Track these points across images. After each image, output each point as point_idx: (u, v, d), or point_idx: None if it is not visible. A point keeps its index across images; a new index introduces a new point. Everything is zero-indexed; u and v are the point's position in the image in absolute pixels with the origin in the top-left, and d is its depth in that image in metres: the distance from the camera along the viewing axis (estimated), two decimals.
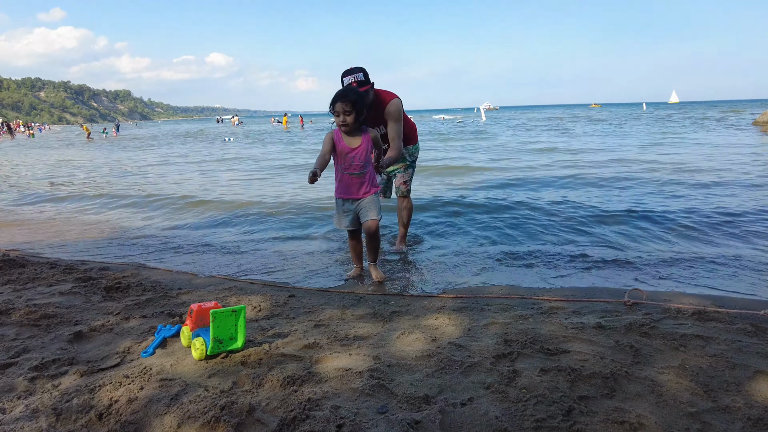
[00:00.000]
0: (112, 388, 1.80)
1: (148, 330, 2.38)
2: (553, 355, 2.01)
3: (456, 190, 7.22)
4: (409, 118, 3.97)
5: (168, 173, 11.29)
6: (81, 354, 2.15)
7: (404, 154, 3.96)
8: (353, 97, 2.95)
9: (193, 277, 3.48)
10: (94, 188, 8.86)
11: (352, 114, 2.92)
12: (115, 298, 2.97)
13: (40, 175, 11.56)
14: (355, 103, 2.92)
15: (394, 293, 3.03)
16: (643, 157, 10.92)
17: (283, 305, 2.78)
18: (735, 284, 3.11)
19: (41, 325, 2.47)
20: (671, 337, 2.16)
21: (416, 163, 4.11)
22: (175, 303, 2.84)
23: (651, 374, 1.84)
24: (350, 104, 2.91)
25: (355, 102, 2.92)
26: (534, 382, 1.79)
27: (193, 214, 6.23)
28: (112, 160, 15.65)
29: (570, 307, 2.67)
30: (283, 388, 1.78)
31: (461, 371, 1.89)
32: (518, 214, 5.45)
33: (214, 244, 4.58)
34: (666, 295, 2.89)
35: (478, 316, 2.51)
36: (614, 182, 7.45)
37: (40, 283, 3.26)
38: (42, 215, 6.54)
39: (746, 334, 2.17)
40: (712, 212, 5.13)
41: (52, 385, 1.86)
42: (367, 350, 2.09)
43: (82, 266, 3.71)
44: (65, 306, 2.77)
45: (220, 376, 1.89)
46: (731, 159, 9.90)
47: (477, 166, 10.36)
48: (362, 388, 1.75)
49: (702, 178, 7.50)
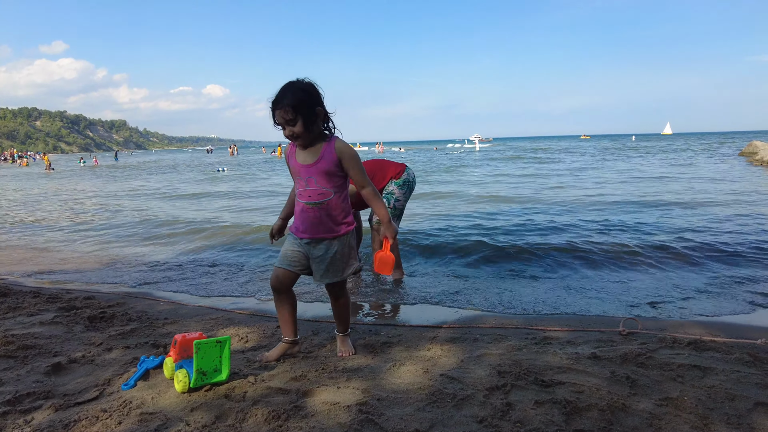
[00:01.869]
0: (87, 423, 1.72)
1: (130, 361, 2.30)
2: (548, 387, 1.95)
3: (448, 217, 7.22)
4: (383, 166, 4.03)
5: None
6: (58, 387, 2.05)
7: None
8: (291, 100, 2.08)
9: (180, 307, 3.40)
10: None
11: (297, 121, 2.10)
12: (99, 328, 2.88)
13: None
14: (297, 107, 2.08)
15: (385, 323, 2.97)
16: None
17: (271, 336, 2.70)
18: (730, 308, 3.08)
19: (18, 357, 2.38)
20: (668, 368, 2.11)
21: (395, 195, 4.05)
22: (160, 333, 2.76)
23: (649, 406, 1.78)
24: (291, 110, 2.08)
25: (296, 105, 2.08)
26: (528, 416, 1.72)
27: (185, 241, 6.16)
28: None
29: (564, 337, 2.62)
30: (268, 423, 1.71)
31: (453, 404, 1.82)
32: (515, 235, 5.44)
33: (204, 273, 4.50)
34: (661, 324, 2.85)
35: (471, 347, 2.45)
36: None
37: (21, 312, 3.16)
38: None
39: (744, 364, 2.13)
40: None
41: (24, 420, 1.77)
42: (356, 383, 2.02)
43: (66, 295, 3.62)
44: (45, 336, 2.68)
45: (203, 410, 1.81)
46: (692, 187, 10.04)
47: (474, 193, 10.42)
48: (350, 423, 1.68)
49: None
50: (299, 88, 2.12)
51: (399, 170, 4.11)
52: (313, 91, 2.15)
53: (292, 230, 2.30)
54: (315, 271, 2.27)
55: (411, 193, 4.16)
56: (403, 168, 4.15)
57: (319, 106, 2.15)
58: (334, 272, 2.26)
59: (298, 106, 2.09)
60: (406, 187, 4.10)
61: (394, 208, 4.07)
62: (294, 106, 2.08)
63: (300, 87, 2.12)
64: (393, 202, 4.05)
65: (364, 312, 3.30)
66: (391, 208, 4.06)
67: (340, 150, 2.17)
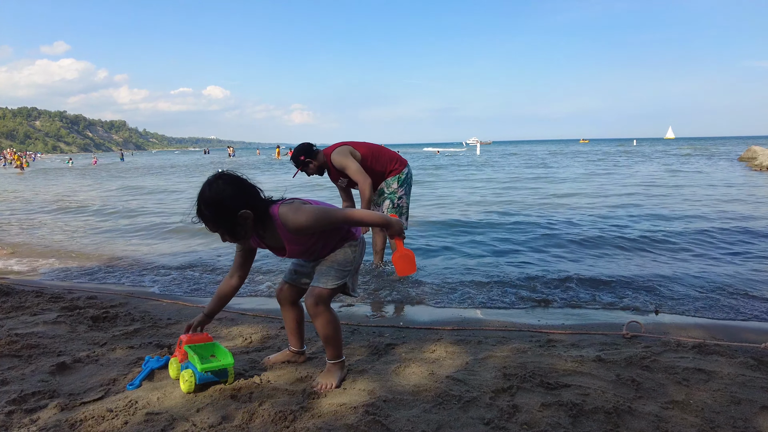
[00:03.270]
0: (93, 422, 1.71)
1: (135, 361, 2.29)
2: (554, 389, 1.95)
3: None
4: (376, 152, 4.07)
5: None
6: (63, 386, 2.05)
7: (382, 187, 4.12)
8: (206, 217, 1.81)
9: (184, 307, 3.40)
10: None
11: (225, 234, 1.85)
12: (102, 328, 2.88)
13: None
14: (216, 223, 1.82)
15: (389, 325, 2.97)
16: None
17: (275, 337, 2.70)
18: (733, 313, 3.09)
19: (22, 356, 2.37)
20: (673, 371, 2.11)
21: (397, 193, 4.12)
22: (164, 333, 2.76)
23: (655, 409, 1.78)
24: (212, 225, 1.83)
25: (214, 221, 1.81)
26: (535, 418, 1.73)
27: (181, 241, 6.15)
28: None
29: (568, 340, 2.62)
30: (275, 423, 1.71)
31: (460, 406, 1.82)
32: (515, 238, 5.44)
33: (206, 273, 4.50)
34: (664, 327, 2.85)
35: (475, 349, 2.45)
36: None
37: (24, 312, 3.16)
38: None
39: (749, 368, 2.13)
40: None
41: (29, 419, 1.76)
42: (362, 384, 2.02)
43: (69, 295, 3.62)
44: (49, 336, 2.68)
45: (209, 411, 1.80)
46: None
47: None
48: (357, 425, 1.68)
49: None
50: (208, 203, 1.79)
51: (402, 164, 4.14)
52: (224, 200, 1.78)
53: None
54: (314, 278, 2.06)
55: (411, 189, 4.19)
56: (405, 163, 4.19)
57: (239, 211, 1.79)
58: (318, 276, 2.02)
59: (216, 222, 1.81)
60: (407, 184, 4.13)
61: (398, 207, 4.09)
62: (212, 223, 1.81)
63: (208, 201, 1.79)
64: (396, 201, 4.08)
65: (368, 313, 3.30)
66: (396, 207, 4.08)
67: (285, 222, 1.85)
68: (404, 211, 4.14)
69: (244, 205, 1.81)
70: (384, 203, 4.11)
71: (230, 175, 1.86)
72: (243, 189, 1.84)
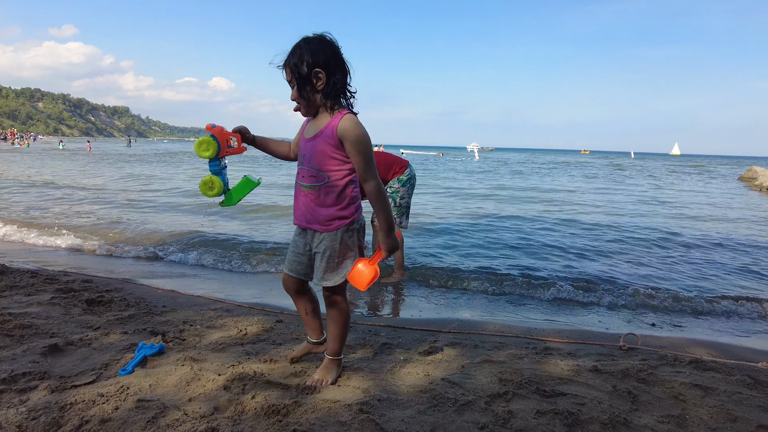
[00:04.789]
0: (84, 406, 1.69)
1: (128, 347, 2.27)
2: (550, 397, 1.94)
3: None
4: (383, 161, 4.04)
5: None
6: (54, 368, 2.03)
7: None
8: (291, 57, 1.81)
9: (179, 296, 3.37)
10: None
11: (294, 84, 1.82)
12: (97, 312, 2.85)
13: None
14: (294, 67, 1.79)
15: (385, 324, 2.95)
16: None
17: (270, 330, 2.68)
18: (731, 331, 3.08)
19: (14, 336, 2.35)
20: (669, 385, 2.10)
21: (399, 192, 4.08)
22: (158, 321, 2.73)
23: (650, 422, 1.77)
24: (288, 70, 1.82)
25: (294, 65, 1.79)
26: (530, 425, 1.71)
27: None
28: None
29: (565, 348, 2.61)
30: (267, 417, 1.68)
31: (455, 409, 1.80)
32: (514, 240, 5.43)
33: (204, 264, 4.48)
34: (661, 341, 2.84)
35: (471, 353, 2.43)
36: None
37: (18, 291, 3.13)
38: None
39: (746, 386, 2.12)
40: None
41: (19, 400, 1.74)
42: (356, 382, 2.00)
43: (64, 277, 3.59)
44: (42, 317, 2.65)
45: (201, 400, 1.78)
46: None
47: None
48: (350, 422, 1.66)
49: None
50: (303, 44, 1.78)
51: (403, 166, 4.13)
52: (319, 48, 1.77)
53: (294, 219, 1.98)
54: (314, 271, 1.95)
55: (413, 189, 4.18)
56: (407, 164, 4.17)
57: (320, 68, 1.76)
58: (320, 272, 1.91)
59: (295, 66, 1.78)
60: (409, 185, 4.12)
61: (399, 206, 4.08)
62: (291, 66, 1.78)
63: (304, 43, 1.78)
64: (398, 200, 4.06)
65: (364, 312, 3.28)
66: (397, 207, 4.06)
67: (344, 129, 1.76)
68: (404, 210, 4.12)
69: (329, 68, 1.78)
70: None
71: (332, 44, 1.82)
72: (338, 61, 1.81)
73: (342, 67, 1.83)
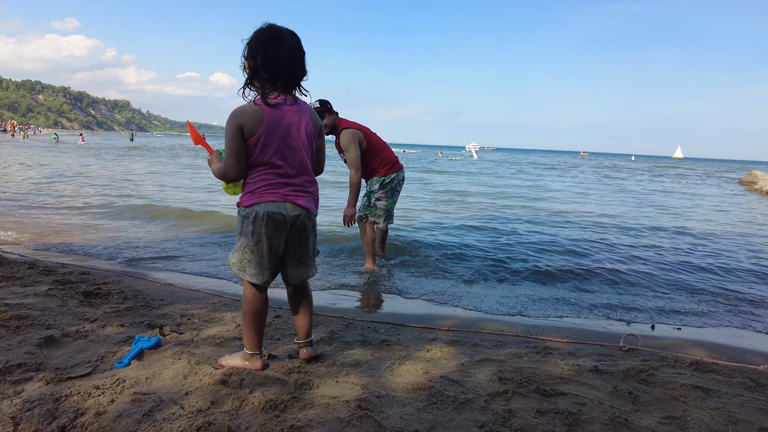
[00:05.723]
0: (79, 398, 1.67)
1: (125, 339, 2.25)
2: (550, 397, 1.92)
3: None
4: (379, 148, 4.05)
5: None
6: (50, 360, 2.01)
7: (368, 182, 4.16)
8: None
9: (177, 290, 3.35)
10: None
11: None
12: (93, 304, 2.83)
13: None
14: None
15: (383, 321, 2.93)
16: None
17: (268, 325, 2.66)
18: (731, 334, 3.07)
19: (10, 326, 2.33)
20: (670, 387, 2.08)
21: (376, 194, 4.11)
22: (156, 314, 2.71)
23: (651, 424, 1.75)
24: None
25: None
26: (530, 424, 1.69)
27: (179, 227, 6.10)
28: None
29: (565, 348, 2.59)
30: (265, 412, 1.67)
31: (454, 408, 1.78)
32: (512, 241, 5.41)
33: (203, 257, 4.45)
34: (661, 342, 2.83)
35: (471, 351, 2.42)
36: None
37: (15, 282, 3.11)
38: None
39: (747, 389, 2.11)
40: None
41: (14, 391, 1.72)
42: (355, 378, 1.98)
43: (62, 269, 3.57)
44: (39, 308, 2.63)
45: (198, 394, 1.76)
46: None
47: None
48: (349, 419, 1.64)
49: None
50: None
51: (392, 168, 4.11)
52: (251, 40, 1.85)
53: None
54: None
55: (395, 194, 4.17)
56: (398, 168, 4.15)
57: (246, 58, 1.85)
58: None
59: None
60: (389, 188, 4.10)
61: (373, 207, 4.10)
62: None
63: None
64: (373, 201, 4.09)
65: (363, 308, 3.26)
66: (371, 207, 4.09)
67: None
68: (376, 211, 4.11)
69: (250, 55, 1.86)
70: (362, 198, 4.18)
71: (259, 33, 1.85)
72: (252, 51, 1.85)
73: (255, 56, 1.83)
